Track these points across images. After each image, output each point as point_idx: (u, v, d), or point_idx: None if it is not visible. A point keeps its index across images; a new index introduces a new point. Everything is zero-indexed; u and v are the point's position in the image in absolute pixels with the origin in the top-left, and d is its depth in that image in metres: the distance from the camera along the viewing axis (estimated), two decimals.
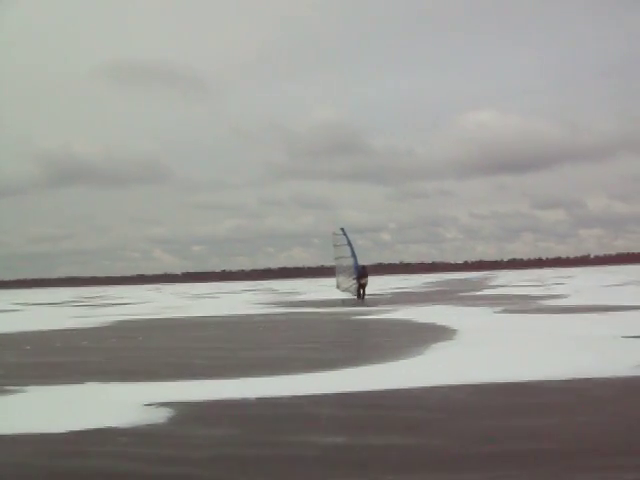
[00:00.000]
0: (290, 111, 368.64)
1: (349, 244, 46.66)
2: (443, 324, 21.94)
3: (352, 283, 45.99)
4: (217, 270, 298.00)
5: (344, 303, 40.93)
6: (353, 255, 46.06)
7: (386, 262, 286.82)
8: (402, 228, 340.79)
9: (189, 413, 9.59)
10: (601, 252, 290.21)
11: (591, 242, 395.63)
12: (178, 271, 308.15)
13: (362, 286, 44.84)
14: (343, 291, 47.44)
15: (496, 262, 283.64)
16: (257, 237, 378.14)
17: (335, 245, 47.83)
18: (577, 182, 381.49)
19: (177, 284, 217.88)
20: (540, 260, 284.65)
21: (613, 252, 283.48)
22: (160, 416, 9.35)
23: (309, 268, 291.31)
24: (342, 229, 48.14)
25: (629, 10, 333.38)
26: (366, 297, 44.75)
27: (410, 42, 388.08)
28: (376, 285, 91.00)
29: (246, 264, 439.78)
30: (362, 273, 45.09)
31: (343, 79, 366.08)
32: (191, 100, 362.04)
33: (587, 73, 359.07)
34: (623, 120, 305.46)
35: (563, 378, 11.15)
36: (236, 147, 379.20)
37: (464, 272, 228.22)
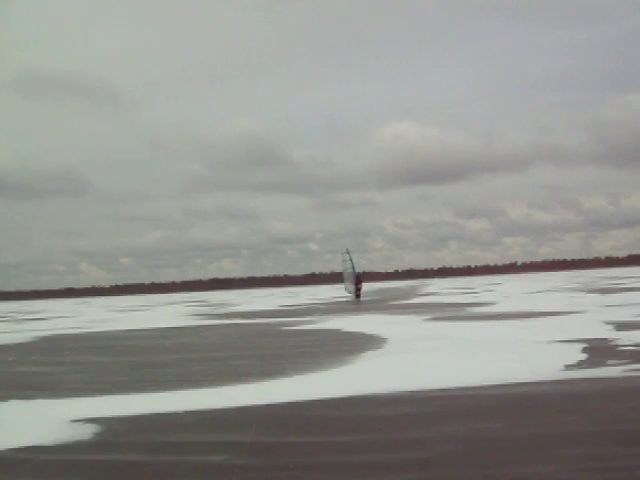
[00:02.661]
0: (208, 123, 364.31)
1: (351, 260, 62.43)
2: (373, 333, 22.09)
3: (352, 287, 62.28)
4: (147, 282, 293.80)
5: (347, 301, 57.46)
6: (353, 268, 62.10)
7: (317, 272, 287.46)
8: (329, 238, 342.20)
9: (116, 429, 9.44)
10: (527, 259, 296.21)
11: (516, 250, 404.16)
12: (106, 284, 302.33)
13: (358, 289, 61.41)
14: (349, 293, 63.75)
15: (426, 270, 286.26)
16: (184, 249, 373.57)
17: (343, 260, 64.64)
18: (497, 192, 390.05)
19: (106, 297, 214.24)
20: (469, 268, 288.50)
21: (539, 259, 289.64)
22: (87, 432, 9.18)
23: (240, 279, 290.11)
24: (347, 249, 64.71)
25: (547, 27, 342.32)
26: (361, 297, 60.76)
27: (329, 54, 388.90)
28: (308, 295, 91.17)
29: (175, 276, 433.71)
30: (358, 280, 62.01)
31: (261, 90, 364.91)
32: (105, 112, 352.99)
33: (503, 86, 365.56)
34: (537, 132, 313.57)
35: (489, 384, 11.35)
36: (154, 159, 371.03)
37: (395, 281, 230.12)
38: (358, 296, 60.88)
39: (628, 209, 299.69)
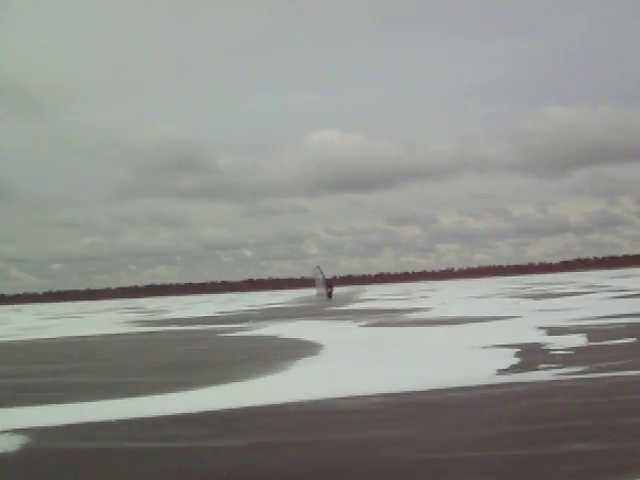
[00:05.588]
0: (130, 128, 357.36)
1: (321, 273, 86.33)
2: (309, 339, 22.06)
3: (323, 291, 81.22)
4: (81, 289, 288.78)
5: (321, 302, 66.95)
6: (323, 277, 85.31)
7: (255, 278, 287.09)
8: (262, 244, 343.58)
9: (44, 440, 9.20)
10: (462, 265, 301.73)
11: (450, 256, 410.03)
12: (39, 290, 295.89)
13: (330, 292, 78.90)
14: (319, 295, 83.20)
15: (364, 276, 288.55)
16: (116, 255, 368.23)
17: (315, 273, 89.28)
18: (425, 199, 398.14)
19: (39, 304, 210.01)
20: (407, 274, 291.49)
21: (475, 265, 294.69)
22: (13, 444, 8.91)
23: (177, 285, 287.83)
24: (318, 266, 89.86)
25: (473, 38, 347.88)
26: (332, 297, 76.12)
27: (255, 62, 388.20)
28: (246, 301, 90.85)
29: (109, 282, 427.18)
30: (328, 284, 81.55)
31: (186, 97, 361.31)
32: (22, 116, 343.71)
33: (428, 96, 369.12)
34: (461, 141, 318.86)
35: (422, 389, 11.43)
36: (77, 164, 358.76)
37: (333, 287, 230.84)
38: (330, 297, 76.22)
39: (556, 217, 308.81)
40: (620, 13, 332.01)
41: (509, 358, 14.64)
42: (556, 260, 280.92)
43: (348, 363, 15.40)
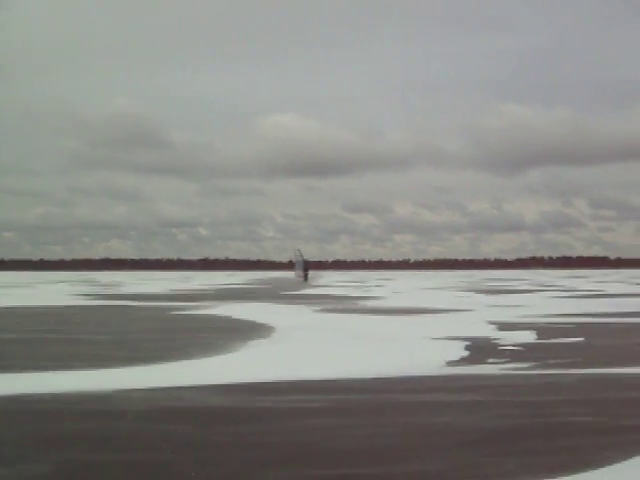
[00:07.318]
0: (86, 100, 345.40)
1: (301, 255, 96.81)
2: (262, 321, 21.99)
3: (301, 273, 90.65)
4: (33, 259, 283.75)
5: (298, 282, 76.32)
6: (302, 260, 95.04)
7: (211, 257, 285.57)
8: (217, 224, 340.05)
9: None
10: (419, 257, 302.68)
11: (407, 247, 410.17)
12: None
13: (306, 275, 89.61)
14: (298, 277, 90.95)
15: (321, 262, 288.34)
16: (69, 226, 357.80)
17: (295, 256, 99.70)
18: (382, 189, 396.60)
19: None
20: (364, 262, 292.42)
21: (431, 257, 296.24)
22: None
23: (133, 260, 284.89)
24: (299, 249, 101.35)
25: (431, 34, 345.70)
26: (308, 279, 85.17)
27: (214, 41, 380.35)
28: (202, 280, 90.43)
29: (62, 253, 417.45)
30: (306, 267, 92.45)
31: (142, 72, 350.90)
32: None
33: (386, 89, 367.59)
34: (418, 134, 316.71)
35: (369, 377, 11.41)
36: (29, 133, 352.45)
37: (289, 271, 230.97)
38: (306, 279, 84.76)
39: (511, 214, 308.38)
40: (586, 21, 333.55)
41: (458, 351, 14.70)
42: (511, 257, 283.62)
43: (295, 348, 15.35)
